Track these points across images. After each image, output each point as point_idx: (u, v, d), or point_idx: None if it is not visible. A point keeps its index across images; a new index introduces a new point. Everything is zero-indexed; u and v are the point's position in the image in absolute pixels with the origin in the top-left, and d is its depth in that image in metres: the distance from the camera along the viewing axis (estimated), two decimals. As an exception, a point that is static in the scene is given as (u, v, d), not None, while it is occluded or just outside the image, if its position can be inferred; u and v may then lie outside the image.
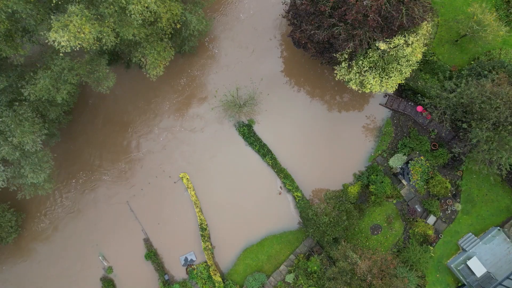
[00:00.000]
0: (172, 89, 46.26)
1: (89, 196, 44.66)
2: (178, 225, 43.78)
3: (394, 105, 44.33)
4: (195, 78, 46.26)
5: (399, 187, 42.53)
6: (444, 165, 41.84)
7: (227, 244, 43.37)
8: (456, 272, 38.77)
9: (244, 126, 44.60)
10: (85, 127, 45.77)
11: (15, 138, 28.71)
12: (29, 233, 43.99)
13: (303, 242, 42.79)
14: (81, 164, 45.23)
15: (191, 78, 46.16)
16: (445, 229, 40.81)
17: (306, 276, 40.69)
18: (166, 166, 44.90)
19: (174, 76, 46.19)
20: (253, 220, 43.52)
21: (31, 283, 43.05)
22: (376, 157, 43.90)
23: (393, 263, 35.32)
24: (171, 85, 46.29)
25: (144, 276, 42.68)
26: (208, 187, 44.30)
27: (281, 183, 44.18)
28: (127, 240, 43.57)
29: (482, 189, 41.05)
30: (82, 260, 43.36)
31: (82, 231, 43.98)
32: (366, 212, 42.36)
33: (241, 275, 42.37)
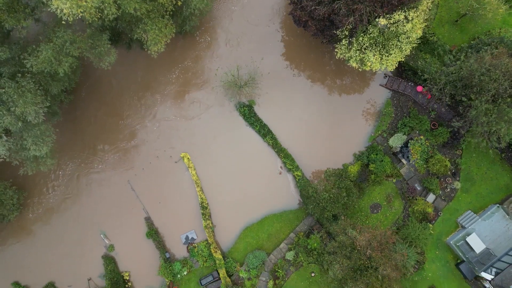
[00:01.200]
0: (173, 71, 46.45)
1: (90, 177, 44.87)
2: (179, 204, 44.04)
3: (394, 85, 44.51)
4: (196, 60, 46.44)
5: (399, 166, 42.75)
6: (443, 144, 42.04)
7: (228, 223, 43.64)
8: (455, 249, 39.00)
9: (244, 106, 44.80)
10: (87, 108, 45.99)
11: (18, 108, 28.93)
12: (30, 212, 44.25)
13: (303, 220, 43.05)
14: (82, 144, 45.44)
15: (192, 60, 46.34)
16: (445, 207, 41.02)
17: (306, 253, 40.95)
18: (167, 146, 45.12)
19: (175, 57, 46.37)
20: (253, 199, 43.76)
21: (32, 263, 43.29)
22: (376, 137, 44.11)
23: (393, 238, 35.59)
24: (173, 66, 46.48)
25: (145, 254, 42.96)
26: (209, 167, 44.54)
27: (281, 163, 44.41)
28: (128, 219, 43.84)
29: (481, 167, 41.26)
30: (83, 239, 43.61)
31: (84, 210, 44.23)
32: (366, 191, 42.59)
33: (241, 253, 42.64)
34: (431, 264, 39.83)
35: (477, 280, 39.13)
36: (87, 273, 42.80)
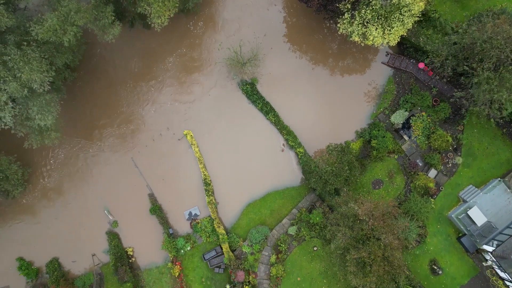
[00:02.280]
0: (176, 50, 46.72)
1: (93, 154, 45.23)
2: (182, 181, 44.34)
3: (396, 63, 44.72)
4: (199, 38, 46.70)
5: (401, 142, 43.00)
6: (445, 120, 42.27)
7: (231, 200, 43.91)
8: (456, 222, 39.24)
9: (247, 84, 45.03)
10: (90, 86, 46.27)
11: (24, 74, 29.18)
12: (34, 189, 44.58)
13: (305, 197, 43.33)
14: (85, 122, 45.77)
15: (195, 37, 46.59)
16: (446, 182, 41.27)
17: (309, 228, 41.25)
18: (170, 124, 45.42)
19: (178, 36, 46.63)
20: (256, 176, 44.02)
21: (36, 239, 43.61)
22: (378, 114, 44.35)
23: (395, 209, 35.83)
24: (176, 45, 46.75)
25: (148, 230, 43.26)
26: (211, 144, 44.82)
27: (283, 140, 44.67)
28: (132, 196, 44.13)
29: (483, 142, 41.47)
30: (87, 216, 43.93)
31: (87, 188, 44.57)
32: (367, 167, 42.85)
33: (244, 229, 42.92)
34: (433, 238, 40.08)
35: (478, 253, 39.38)
36: (91, 248, 43.15)
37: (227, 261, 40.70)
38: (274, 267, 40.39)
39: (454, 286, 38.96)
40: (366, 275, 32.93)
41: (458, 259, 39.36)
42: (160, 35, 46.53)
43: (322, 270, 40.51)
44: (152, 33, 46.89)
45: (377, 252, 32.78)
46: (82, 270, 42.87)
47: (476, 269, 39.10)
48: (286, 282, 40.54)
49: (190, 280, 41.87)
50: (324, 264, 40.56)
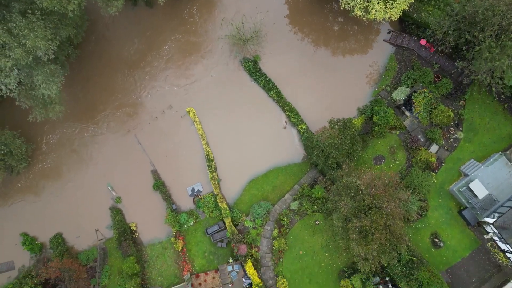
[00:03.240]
0: (178, 26, 46.97)
1: (96, 131, 45.47)
2: (185, 158, 44.57)
3: (398, 40, 44.91)
4: (200, 14, 46.87)
5: (402, 118, 43.21)
6: (446, 96, 42.49)
7: (233, 177, 44.12)
8: (458, 195, 39.49)
9: (249, 62, 45.23)
10: (92, 65, 46.50)
11: (29, 41, 29.40)
12: (37, 165, 44.85)
13: (307, 173, 43.57)
14: (88, 100, 46.04)
15: (196, 15, 46.76)
16: (447, 157, 41.51)
17: (311, 203, 41.52)
18: (172, 101, 45.67)
19: (180, 14, 46.84)
20: (258, 153, 44.25)
21: (40, 216, 43.84)
22: (380, 92, 44.55)
23: (396, 180, 36.09)
24: (177, 22, 46.99)
25: (152, 206, 43.51)
26: (214, 121, 45.06)
27: (285, 118, 44.89)
28: (135, 172, 44.39)
29: (484, 118, 41.69)
30: (91, 192, 44.13)
31: (91, 164, 44.86)
32: (369, 143, 43.09)
33: (246, 205, 43.17)
34: (434, 211, 40.33)
35: (479, 226, 39.64)
36: (94, 224, 43.37)
37: (229, 235, 40.95)
38: (277, 241, 40.69)
39: (455, 259, 39.22)
40: (368, 243, 33.19)
41: (459, 232, 39.61)
42: (162, 14, 46.89)
43: (324, 244, 40.79)
44: (155, 12, 47.27)
45: (379, 221, 33.00)
46: (85, 245, 43.10)
47: (477, 242, 39.36)
48: (289, 256, 40.82)
49: (193, 255, 42.15)
50: (326, 238, 40.83)
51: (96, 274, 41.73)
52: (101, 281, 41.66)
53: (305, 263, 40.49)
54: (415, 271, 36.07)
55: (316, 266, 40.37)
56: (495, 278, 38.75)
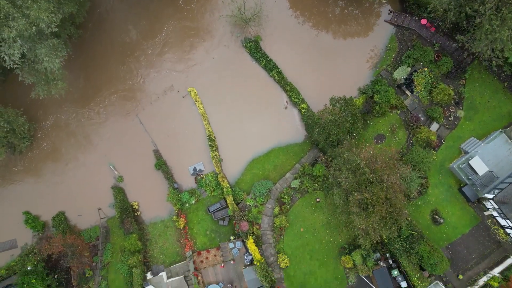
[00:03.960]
0: (180, 8, 47.14)
1: (97, 113, 45.68)
2: (186, 137, 44.79)
3: (399, 20, 45.03)
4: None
5: (403, 97, 43.38)
6: (447, 75, 42.66)
7: (234, 157, 44.32)
8: (458, 172, 39.70)
9: (250, 42, 45.39)
10: (95, 45, 46.69)
11: (32, 12, 29.57)
12: (40, 145, 45.11)
13: (308, 152, 43.78)
14: (91, 80, 46.25)
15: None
16: (448, 135, 41.71)
17: (312, 181, 41.76)
18: (174, 81, 45.86)
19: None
20: (259, 133, 44.46)
21: (43, 195, 44.15)
22: (381, 72, 44.71)
23: (397, 156, 36.31)
24: (176, 8, 47.15)
25: (153, 185, 43.76)
26: (215, 101, 45.26)
27: (287, 98, 45.08)
28: (137, 152, 44.64)
29: (484, 96, 41.88)
30: (93, 171, 44.46)
31: (93, 144, 45.10)
32: (370, 123, 43.28)
33: (248, 184, 43.40)
34: (434, 189, 40.56)
35: (479, 203, 39.87)
36: (97, 203, 43.66)
37: (231, 213, 41.20)
38: (278, 218, 40.95)
39: (455, 235, 39.48)
40: (369, 216, 33.44)
41: (459, 209, 39.86)
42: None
43: (325, 221, 41.06)
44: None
45: (379, 194, 33.25)
46: (88, 224, 43.39)
47: (477, 219, 39.61)
48: (290, 233, 41.09)
49: (194, 233, 42.42)
50: (327, 215, 41.10)
51: (98, 252, 42.03)
52: (104, 259, 41.96)
53: (306, 240, 40.77)
54: (415, 245, 36.34)
55: (317, 243, 40.65)
56: (495, 254, 39.02)
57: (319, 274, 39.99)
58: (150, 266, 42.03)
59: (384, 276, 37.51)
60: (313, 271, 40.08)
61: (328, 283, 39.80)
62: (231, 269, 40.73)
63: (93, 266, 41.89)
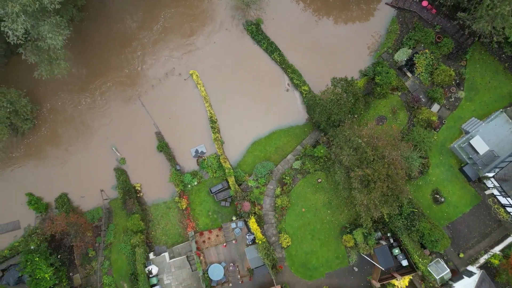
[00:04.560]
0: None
1: (99, 96, 45.83)
2: (188, 120, 44.96)
3: (400, 3, 45.17)
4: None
5: (404, 79, 43.55)
6: (448, 56, 42.82)
7: (236, 139, 44.47)
8: (459, 152, 39.89)
9: (252, 24, 45.54)
10: (94, 32, 46.82)
11: (34, -14, 29.84)
12: (43, 127, 45.30)
13: (309, 134, 43.96)
14: (93, 63, 46.38)
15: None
16: (449, 116, 41.90)
17: (313, 161, 41.96)
18: (176, 64, 46.02)
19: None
20: (261, 115, 44.63)
21: (45, 177, 44.34)
22: (382, 54, 44.84)
23: (398, 134, 36.50)
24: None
25: (156, 167, 43.92)
26: (217, 84, 45.41)
27: (288, 80, 45.24)
28: (139, 134, 44.82)
29: (485, 77, 42.05)
30: (95, 154, 44.65)
31: (95, 126, 45.29)
32: (371, 104, 43.44)
33: (250, 166, 43.58)
34: (435, 169, 40.76)
35: (480, 182, 40.07)
36: (99, 185, 43.75)
37: (233, 194, 41.38)
38: (279, 199, 41.16)
39: (456, 214, 39.70)
40: (370, 192, 33.66)
41: (460, 189, 40.07)
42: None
43: (326, 201, 41.27)
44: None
45: (381, 170, 33.48)
46: (91, 205, 43.57)
47: (478, 198, 39.82)
48: (291, 213, 41.31)
49: (197, 214, 42.63)
50: (328, 196, 41.31)
51: (101, 233, 42.26)
52: (106, 239, 42.21)
53: (308, 220, 41.00)
54: (416, 222, 36.56)
55: (318, 223, 40.87)
56: (495, 233, 39.25)
57: (321, 253, 40.24)
58: (152, 247, 42.27)
59: (385, 254, 37.74)
60: (314, 251, 40.31)
61: (329, 262, 40.05)
62: (233, 249, 40.97)
63: (96, 246, 42.14)
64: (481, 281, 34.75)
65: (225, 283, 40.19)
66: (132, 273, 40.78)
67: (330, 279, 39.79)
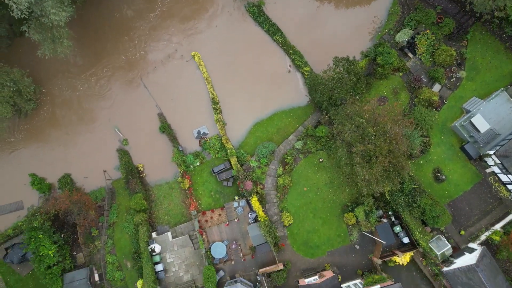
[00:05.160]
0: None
1: (103, 77, 46.06)
2: (190, 101, 45.17)
3: (401, -16, 45.31)
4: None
5: (405, 60, 43.73)
6: (449, 36, 42.97)
7: (238, 120, 44.70)
8: (460, 131, 40.09)
9: (254, 6, 45.71)
10: (99, 11, 47.01)
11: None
12: (45, 109, 45.55)
13: (311, 115, 44.18)
14: (95, 46, 46.57)
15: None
16: (450, 95, 42.09)
17: (315, 141, 42.18)
18: (178, 46, 46.21)
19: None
20: (263, 96, 44.82)
21: (49, 159, 44.61)
22: (383, 35, 45.00)
23: (400, 110, 36.69)
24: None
25: (158, 148, 44.17)
26: (219, 65, 45.61)
27: (290, 61, 45.43)
28: (141, 116, 45.05)
29: (486, 57, 42.22)
30: (98, 135, 44.90)
31: (98, 108, 45.52)
32: (372, 85, 43.61)
33: (251, 147, 43.80)
34: (436, 148, 40.97)
35: (481, 160, 40.27)
36: (102, 166, 43.97)
37: (235, 173, 41.60)
38: (281, 178, 41.40)
39: (457, 193, 39.92)
40: (372, 166, 33.88)
41: (461, 167, 40.29)
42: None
43: (328, 181, 41.50)
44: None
45: (382, 146, 33.70)
46: (94, 186, 43.81)
47: (479, 176, 40.04)
48: (293, 192, 41.55)
49: (199, 194, 42.88)
50: (330, 175, 41.53)
51: (104, 212, 42.52)
52: (109, 219, 42.48)
53: (309, 199, 41.23)
54: (418, 198, 36.77)
55: (320, 202, 41.11)
56: (496, 210, 39.47)
57: (322, 231, 40.49)
58: (155, 227, 42.54)
59: (387, 231, 38.00)
60: (316, 229, 40.56)
61: (331, 241, 40.30)
62: (236, 228, 41.22)
63: (99, 226, 42.41)
64: (482, 256, 34.97)
65: (227, 261, 40.46)
66: (135, 251, 41.06)
67: (331, 257, 40.06)
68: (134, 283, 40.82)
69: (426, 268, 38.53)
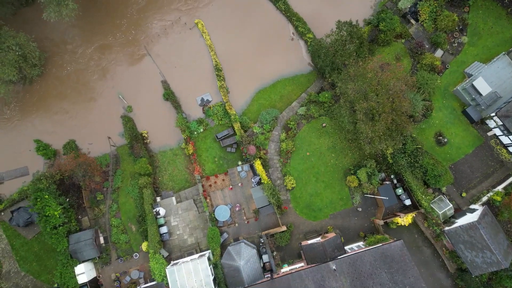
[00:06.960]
0: None
1: (107, 43, 46.29)
2: (194, 69, 45.40)
3: (404, -48, 45.39)
4: None
5: (408, 26, 43.93)
6: (451, 2, 43.18)
7: (241, 88, 44.97)
8: (462, 95, 40.38)
9: (257, -26, 45.91)
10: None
11: None
12: (49, 77, 45.82)
13: (314, 82, 44.45)
14: (100, 13, 46.76)
15: None
16: (452, 60, 42.36)
17: (318, 107, 42.47)
18: (181, 13, 46.41)
19: None
20: (266, 64, 45.05)
21: (53, 126, 44.94)
22: (386, 3, 45.20)
23: (402, 69, 36.93)
24: None
25: (162, 115, 44.46)
26: (222, 33, 45.82)
27: (293, 29, 45.62)
28: (145, 83, 45.32)
29: (487, 22, 42.45)
30: (102, 103, 45.19)
31: (101, 74, 45.77)
32: (375, 52, 43.83)
33: (255, 114, 44.09)
34: (438, 112, 41.29)
35: (482, 124, 40.58)
36: (106, 132, 44.31)
37: (239, 139, 41.93)
38: (284, 143, 41.73)
39: (459, 155, 40.28)
40: (375, 124, 34.20)
41: (463, 130, 40.62)
42: None
43: (331, 145, 41.84)
44: None
45: (385, 103, 34.00)
46: (98, 151, 44.08)
47: (481, 139, 40.37)
48: (296, 157, 41.90)
49: (203, 160, 43.22)
50: (332, 140, 41.87)
51: (109, 177, 42.88)
52: (114, 184, 42.84)
53: (312, 163, 41.58)
54: (420, 158, 37.11)
55: (322, 166, 41.47)
56: (497, 173, 39.84)
57: (325, 195, 40.88)
58: (159, 192, 42.91)
59: (389, 192, 38.36)
60: (318, 193, 40.95)
61: (333, 204, 40.70)
62: (239, 192, 41.60)
63: (104, 191, 42.78)
64: (483, 214, 35.34)
65: (231, 224, 40.88)
66: (139, 215, 41.46)
67: (334, 220, 40.46)
68: (138, 246, 41.25)
69: (427, 230, 38.94)
